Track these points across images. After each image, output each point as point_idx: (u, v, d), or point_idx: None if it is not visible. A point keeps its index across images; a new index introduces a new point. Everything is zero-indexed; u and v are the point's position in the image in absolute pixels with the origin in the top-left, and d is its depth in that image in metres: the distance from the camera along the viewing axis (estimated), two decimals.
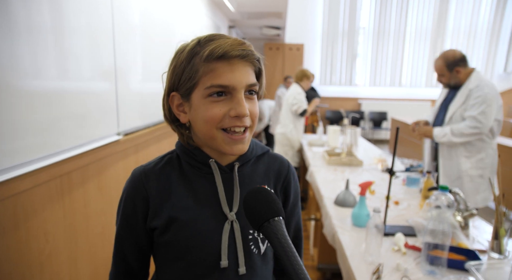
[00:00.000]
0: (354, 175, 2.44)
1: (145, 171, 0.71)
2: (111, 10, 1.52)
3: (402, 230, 1.48)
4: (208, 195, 0.70)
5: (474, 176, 2.19)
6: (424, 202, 1.81)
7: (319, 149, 3.38)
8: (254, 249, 0.71)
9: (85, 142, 1.36)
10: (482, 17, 7.10)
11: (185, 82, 0.65)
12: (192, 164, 0.71)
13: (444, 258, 1.13)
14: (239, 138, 0.65)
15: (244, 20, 5.30)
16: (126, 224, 0.72)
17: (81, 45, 1.31)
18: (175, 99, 0.68)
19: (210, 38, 0.65)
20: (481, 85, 2.12)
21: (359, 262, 1.28)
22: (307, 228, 3.16)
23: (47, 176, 1.12)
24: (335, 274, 2.35)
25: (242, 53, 0.63)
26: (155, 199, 0.69)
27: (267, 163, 0.78)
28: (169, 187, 0.70)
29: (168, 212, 0.68)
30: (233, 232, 0.69)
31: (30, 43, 1.02)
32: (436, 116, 2.40)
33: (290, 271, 0.49)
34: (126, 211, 0.71)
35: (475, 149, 2.17)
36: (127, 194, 0.71)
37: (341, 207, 1.82)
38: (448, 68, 2.19)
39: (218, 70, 0.62)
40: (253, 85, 0.66)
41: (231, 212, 0.69)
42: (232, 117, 0.63)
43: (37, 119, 1.07)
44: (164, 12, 2.30)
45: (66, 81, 1.23)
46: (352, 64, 7.56)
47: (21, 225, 1.01)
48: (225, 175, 0.71)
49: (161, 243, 0.70)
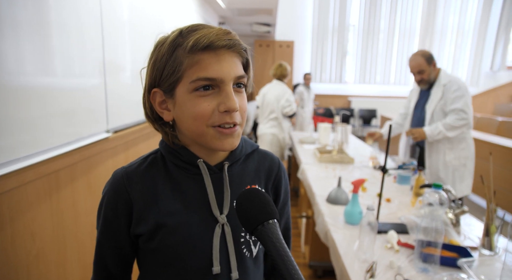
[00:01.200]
0: (346, 172, 2.45)
1: (128, 173, 0.65)
2: (99, 6, 1.48)
3: (395, 228, 1.49)
4: (197, 197, 0.65)
5: (457, 165, 2.34)
6: (415, 200, 1.82)
7: (310, 146, 3.39)
8: (246, 252, 0.68)
9: (74, 140, 1.32)
10: (469, 15, 7.22)
11: (167, 76, 0.59)
12: (179, 165, 0.66)
13: (437, 255, 1.14)
14: (230, 132, 0.61)
15: (234, 17, 5.25)
16: (107, 230, 0.66)
17: (68, 41, 1.26)
18: (157, 96, 0.63)
19: (192, 28, 0.60)
20: (453, 80, 2.27)
21: (353, 260, 1.28)
22: (298, 226, 3.17)
23: (34, 175, 1.08)
24: (326, 272, 2.36)
25: (229, 43, 0.58)
26: (139, 203, 0.64)
27: (257, 160, 0.75)
28: (154, 190, 0.64)
29: (155, 217, 0.63)
30: (224, 235, 0.65)
31: (15, 39, 0.98)
32: (413, 117, 2.53)
33: (286, 275, 0.47)
34: (107, 215, 0.65)
35: (456, 141, 2.32)
36: (108, 197, 0.65)
37: (333, 205, 1.82)
38: (428, 62, 2.29)
39: (204, 62, 0.57)
40: (242, 77, 0.62)
41: (222, 214, 0.65)
42: (222, 112, 0.59)
43: (23, 116, 1.03)
44: (154, 8, 2.25)
45: (53, 78, 1.19)
46: (342, 62, 7.59)
47: (6, 225, 0.97)
48: (214, 175, 0.67)
49: (147, 249, 0.65)
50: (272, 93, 3.61)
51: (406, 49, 7.47)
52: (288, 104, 3.55)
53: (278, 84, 3.65)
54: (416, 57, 2.32)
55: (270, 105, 3.61)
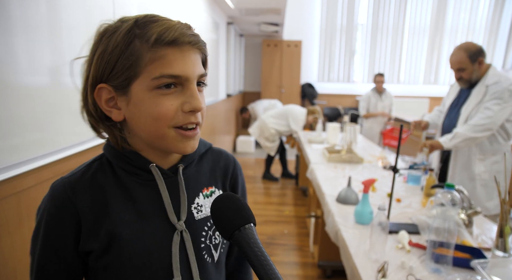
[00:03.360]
0: (355, 172, 2.44)
1: (71, 184, 0.57)
2: (112, 7, 1.50)
3: (406, 228, 1.49)
4: (151, 204, 0.60)
5: (487, 180, 2.02)
6: (426, 200, 1.81)
7: (319, 146, 3.38)
8: (207, 258, 0.64)
9: (87, 139, 1.34)
10: (480, 14, 7.11)
11: (121, 71, 0.53)
12: (129, 170, 0.60)
13: (450, 256, 1.13)
14: (192, 135, 0.57)
15: (242, 16, 5.26)
16: (50, 251, 0.57)
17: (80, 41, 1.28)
18: (104, 92, 0.56)
19: (150, 18, 0.54)
20: (501, 81, 1.92)
21: (364, 259, 1.28)
22: (306, 225, 3.17)
23: (50, 173, 1.11)
24: (335, 271, 2.36)
25: (194, 39, 0.55)
26: (88, 216, 0.56)
27: (211, 160, 0.71)
28: (104, 200, 0.58)
29: (107, 230, 0.57)
30: (184, 243, 0.61)
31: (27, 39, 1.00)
32: (446, 117, 2.23)
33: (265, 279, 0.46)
34: (49, 235, 0.56)
35: (490, 151, 2.02)
36: (48, 214, 0.56)
37: (343, 205, 1.82)
38: (471, 60, 1.96)
39: (169, 58, 0.53)
40: (204, 75, 0.58)
41: (180, 221, 0.61)
42: (186, 112, 0.55)
43: (37, 116, 1.05)
44: (163, 8, 2.27)
45: (67, 77, 1.21)
46: (350, 61, 7.55)
47: (25, 222, 1.00)
48: (168, 179, 0.61)
49: (99, 267, 0.58)
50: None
51: (415, 48, 7.39)
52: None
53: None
54: (458, 52, 1.99)
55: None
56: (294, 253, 2.74)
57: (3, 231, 0.92)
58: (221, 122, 4.83)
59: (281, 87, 7.17)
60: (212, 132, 4.21)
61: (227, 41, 5.27)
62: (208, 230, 0.65)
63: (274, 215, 3.46)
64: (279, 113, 4.28)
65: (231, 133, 5.95)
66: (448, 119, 2.22)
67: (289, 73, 7.11)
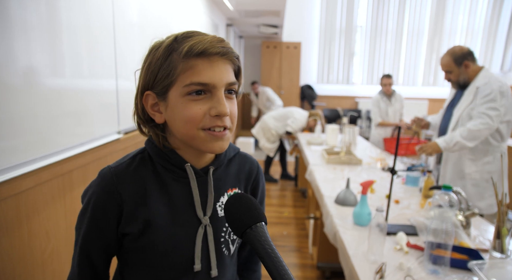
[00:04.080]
0: (354, 174, 2.45)
1: (117, 173, 0.66)
2: (112, 8, 1.51)
3: (404, 229, 1.49)
4: (183, 199, 0.68)
5: (479, 179, 2.06)
6: (425, 201, 1.81)
7: (318, 147, 3.39)
8: (225, 251, 0.72)
9: (86, 141, 1.35)
10: (479, 15, 7.13)
11: (161, 80, 0.62)
12: (167, 167, 0.68)
13: (447, 257, 1.14)
14: (220, 135, 0.63)
15: (241, 18, 5.27)
16: (95, 229, 0.66)
17: (81, 43, 1.29)
18: (150, 98, 0.65)
19: (188, 34, 0.62)
20: (490, 82, 1.97)
21: (362, 261, 1.28)
22: (305, 227, 3.17)
23: (48, 175, 1.11)
24: (334, 273, 2.36)
25: (222, 50, 0.61)
26: (130, 203, 0.65)
27: (238, 163, 0.78)
28: (144, 191, 0.66)
29: (144, 217, 0.65)
30: (206, 235, 0.69)
31: (27, 41, 1.01)
32: (442, 118, 2.29)
33: (276, 277, 0.48)
34: (95, 215, 0.65)
35: (481, 152, 2.05)
36: (96, 197, 0.65)
37: (341, 206, 1.82)
38: (456, 63, 2.07)
39: (198, 67, 0.60)
40: (233, 84, 0.64)
41: (205, 216, 0.69)
42: (213, 116, 0.61)
43: (37, 117, 1.05)
44: (163, 10, 2.28)
45: (65, 79, 1.21)
46: (350, 63, 7.56)
47: (23, 224, 1.00)
48: (199, 178, 0.69)
49: (133, 247, 0.67)
50: (298, 113, 4.25)
51: (414, 49, 7.41)
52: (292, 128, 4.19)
53: (304, 112, 4.29)
54: (445, 55, 2.12)
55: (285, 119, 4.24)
56: (293, 254, 2.74)
57: (2, 232, 0.92)
58: None
59: (281, 88, 7.18)
60: None
61: None
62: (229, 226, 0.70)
63: (274, 217, 3.46)
64: (280, 114, 4.30)
65: None
66: (444, 120, 2.27)
67: (288, 75, 7.12)
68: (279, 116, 4.28)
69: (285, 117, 4.24)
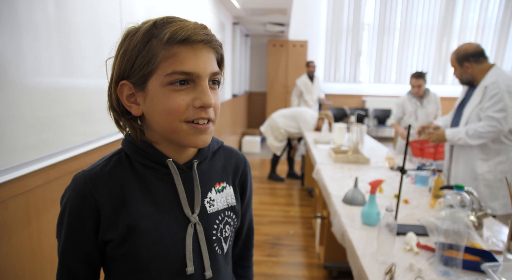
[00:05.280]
0: (361, 173, 2.43)
1: (91, 176, 0.61)
2: (119, 7, 1.50)
3: (414, 229, 1.47)
4: (167, 197, 0.63)
5: (491, 180, 2.02)
6: (435, 201, 1.79)
7: (325, 146, 3.37)
8: (218, 249, 0.68)
9: (93, 139, 1.35)
10: (490, 12, 7.01)
11: (139, 68, 0.57)
12: (146, 164, 0.63)
13: (459, 258, 1.12)
14: (204, 128, 0.59)
15: (248, 16, 5.26)
16: (72, 239, 0.61)
17: (88, 42, 1.29)
18: (126, 88, 0.60)
19: (168, 20, 0.58)
20: (498, 81, 1.94)
21: (371, 261, 1.27)
22: (312, 226, 3.15)
23: (57, 173, 1.11)
24: (341, 273, 2.34)
25: (206, 38, 0.57)
26: (107, 207, 0.60)
27: (223, 157, 0.74)
28: (122, 193, 0.61)
29: (125, 221, 0.60)
30: (197, 234, 0.64)
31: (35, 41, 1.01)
32: (453, 118, 2.27)
33: None
34: (71, 224, 0.61)
35: (493, 151, 2.02)
36: (71, 205, 0.60)
37: (349, 205, 1.81)
38: (458, 63, 2.07)
39: (181, 55, 0.56)
40: (217, 73, 0.60)
41: (193, 213, 0.64)
42: (197, 108, 0.58)
43: (45, 116, 1.05)
44: (169, 9, 2.28)
45: (73, 79, 1.22)
46: (357, 61, 7.51)
47: (33, 221, 1.00)
48: (183, 174, 0.65)
49: (117, 255, 0.62)
50: (308, 113, 4.22)
51: (423, 47, 7.33)
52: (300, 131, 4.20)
53: (314, 112, 4.29)
54: (452, 53, 2.13)
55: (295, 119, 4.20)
56: (299, 253, 2.73)
57: (12, 229, 0.92)
58: (227, 123, 4.83)
59: (287, 87, 7.16)
60: (218, 133, 4.22)
61: (232, 41, 5.27)
62: (219, 223, 0.68)
63: (280, 216, 3.45)
64: (290, 114, 4.26)
65: (237, 133, 5.95)
66: (454, 119, 2.25)
67: (295, 73, 7.09)
68: (288, 116, 4.24)
69: (295, 117, 4.19)
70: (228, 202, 0.71)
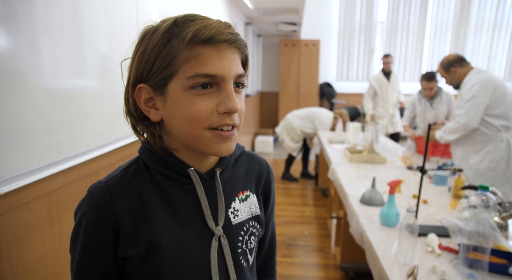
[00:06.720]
0: (378, 173, 2.39)
1: (109, 188, 0.56)
2: (135, 9, 1.52)
3: (435, 230, 1.43)
4: (189, 209, 0.59)
5: (483, 169, 2.24)
6: (455, 201, 1.74)
7: (339, 146, 3.33)
8: (243, 262, 0.63)
9: (111, 141, 1.36)
10: (508, 9, 6.82)
11: (159, 70, 0.52)
12: (166, 174, 0.58)
13: (485, 261, 1.08)
14: (229, 135, 0.55)
15: (260, 16, 5.25)
16: (89, 255, 0.57)
17: (103, 44, 1.30)
18: (143, 92, 0.55)
19: (189, 18, 0.53)
20: (469, 81, 2.25)
21: (391, 263, 1.24)
22: (328, 226, 3.12)
23: (77, 175, 1.13)
24: (358, 274, 2.31)
25: (232, 37, 0.53)
26: (126, 222, 0.55)
27: (246, 163, 0.69)
28: (142, 206, 0.56)
29: (146, 237, 0.55)
30: (222, 248, 0.60)
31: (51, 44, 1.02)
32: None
33: None
34: (88, 239, 0.56)
35: (480, 143, 2.27)
36: (87, 219, 0.55)
37: (367, 206, 1.78)
38: (445, 71, 2.40)
39: (204, 56, 0.51)
40: (242, 76, 0.56)
41: (218, 226, 0.60)
42: (221, 113, 0.53)
43: (64, 118, 1.07)
44: (182, 9, 2.29)
45: (88, 81, 1.23)
46: (370, 60, 7.42)
47: (55, 223, 1.02)
48: (205, 184, 0.60)
49: (138, 273, 0.57)
50: (323, 113, 4.17)
51: (438, 45, 7.18)
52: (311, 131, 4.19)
53: (329, 113, 4.20)
54: (437, 66, 2.49)
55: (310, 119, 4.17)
56: (315, 254, 2.70)
57: (35, 231, 0.94)
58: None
59: (299, 87, 7.12)
60: None
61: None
62: (244, 234, 0.64)
63: (295, 216, 3.43)
64: (304, 114, 4.23)
65: (249, 133, 5.95)
66: None
67: (307, 72, 7.05)
68: (303, 116, 4.21)
69: (310, 117, 4.16)
70: (252, 212, 0.67)
